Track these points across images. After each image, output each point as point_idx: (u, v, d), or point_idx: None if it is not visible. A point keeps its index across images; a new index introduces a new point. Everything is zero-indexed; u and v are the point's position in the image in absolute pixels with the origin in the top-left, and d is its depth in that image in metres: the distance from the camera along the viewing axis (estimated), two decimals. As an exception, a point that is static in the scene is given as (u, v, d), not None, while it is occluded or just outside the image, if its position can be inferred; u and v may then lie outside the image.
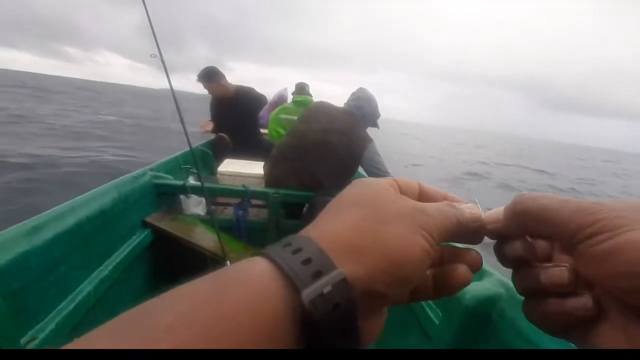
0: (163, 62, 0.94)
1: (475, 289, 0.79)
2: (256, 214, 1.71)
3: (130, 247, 1.14)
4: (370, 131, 1.85)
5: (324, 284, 0.16)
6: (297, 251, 0.17)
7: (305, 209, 1.65)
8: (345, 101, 1.86)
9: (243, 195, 1.53)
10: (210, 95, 2.79)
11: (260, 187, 1.66)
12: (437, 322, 0.93)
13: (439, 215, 0.21)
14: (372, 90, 1.82)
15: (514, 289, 0.75)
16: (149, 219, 1.27)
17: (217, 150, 2.62)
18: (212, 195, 1.66)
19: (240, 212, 1.52)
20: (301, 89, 3.07)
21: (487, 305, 0.77)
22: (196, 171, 1.13)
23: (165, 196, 1.43)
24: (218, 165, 2.12)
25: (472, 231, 0.23)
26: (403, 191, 0.24)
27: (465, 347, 0.81)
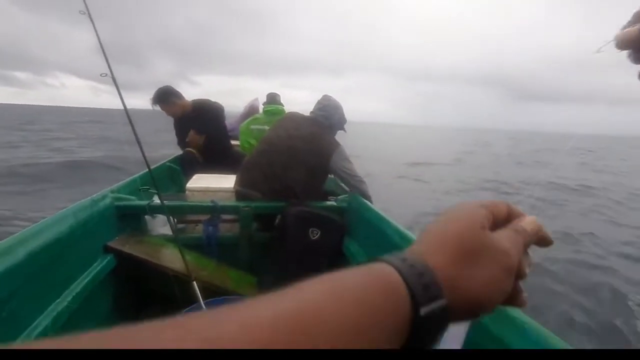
0: (114, 80, 0.91)
1: None
2: (229, 228, 1.68)
3: (91, 275, 1.09)
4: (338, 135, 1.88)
5: (433, 307, 0.22)
6: (420, 275, 0.23)
7: (277, 220, 1.63)
8: (312, 110, 1.86)
9: (212, 210, 1.50)
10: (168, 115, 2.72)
11: (230, 201, 1.63)
12: None
13: (516, 253, 0.27)
14: (342, 94, 1.84)
15: None
16: (111, 244, 1.22)
17: (185, 166, 2.55)
18: (181, 213, 1.62)
19: (210, 228, 1.49)
20: (272, 99, 3.07)
21: None
22: (155, 192, 1.10)
23: (129, 218, 1.38)
24: (187, 181, 2.07)
25: (536, 243, 0.29)
26: (495, 219, 0.28)
27: None
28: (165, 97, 2.61)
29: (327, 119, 1.80)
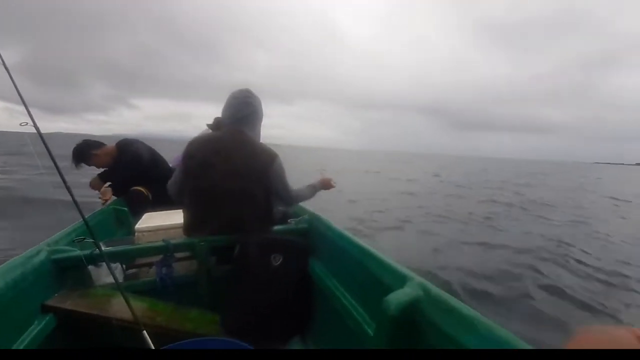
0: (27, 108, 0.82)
1: (398, 296, 0.83)
2: (186, 266, 1.60)
3: (27, 340, 0.97)
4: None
5: None
6: None
7: (236, 250, 1.58)
8: (225, 114, 1.59)
9: (165, 250, 1.42)
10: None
11: (184, 238, 1.56)
12: (371, 333, 0.94)
13: None
14: (294, 120, 1.79)
15: (433, 290, 0.77)
16: (49, 302, 1.10)
17: (133, 206, 2.41)
18: (129, 258, 1.52)
19: (164, 269, 1.40)
20: (220, 124, 2.93)
21: (410, 311, 0.80)
22: (92, 240, 1.02)
23: (69, 272, 1.26)
24: (137, 222, 1.95)
25: None
26: None
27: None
28: (84, 152, 2.44)
29: (253, 127, 1.60)
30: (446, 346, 0.70)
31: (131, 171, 2.53)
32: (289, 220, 1.89)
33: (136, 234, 1.75)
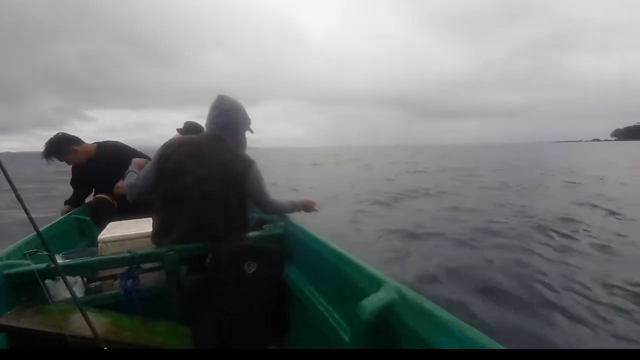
0: None
1: (373, 301, 0.82)
2: (156, 277, 1.52)
3: None
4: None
5: None
6: None
7: (208, 259, 1.52)
8: (208, 121, 1.61)
9: (130, 261, 1.35)
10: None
11: (151, 248, 1.49)
12: (347, 339, 0.93)
13: None
14: (262, 122, 1.77)
15: (408, 293, 0.75)
16: (1, 321, 1.01)
17: (97, 215, 2.27)
18: (91, 270, 1.43)
19: (130, 281, 1.33)
20: (192, 128, 2.61)
21: (385, 314, 0.79)
22: (46, 252, 0.94)
23: (24, 287, 1.16)
24: (100, 232, 1.84)
25: None
26: None
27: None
28: (62, 146, 2.27)
29: (233, 135, 1.60)
30: (416, 347, 0.70)
31: (100, 176, 2.39)
32: (263, 226, 1.85)
33: (99, 244, 1.65)
